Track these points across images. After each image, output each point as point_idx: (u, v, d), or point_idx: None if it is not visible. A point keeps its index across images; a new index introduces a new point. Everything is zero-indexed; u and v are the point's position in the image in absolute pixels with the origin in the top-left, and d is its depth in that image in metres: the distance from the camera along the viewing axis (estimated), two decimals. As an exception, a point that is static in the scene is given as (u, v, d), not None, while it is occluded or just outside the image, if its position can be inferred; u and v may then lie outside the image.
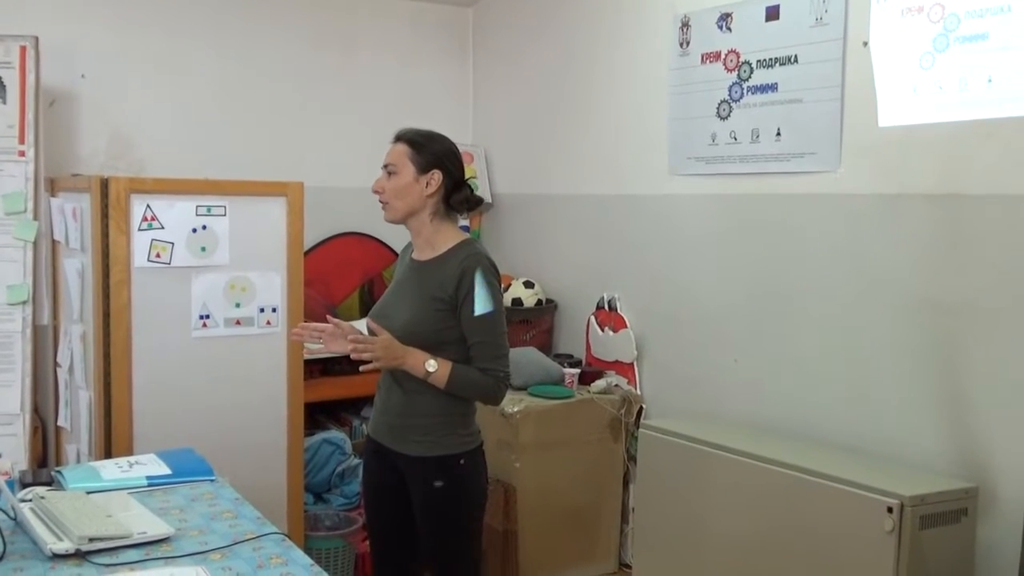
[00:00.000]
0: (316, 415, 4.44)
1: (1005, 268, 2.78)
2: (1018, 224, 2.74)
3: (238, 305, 3.48)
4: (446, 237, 2.71)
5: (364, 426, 4.50)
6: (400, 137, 2.75)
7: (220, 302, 3.45)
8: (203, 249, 3.41)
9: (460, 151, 2.78)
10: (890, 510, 2.65)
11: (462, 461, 2.67)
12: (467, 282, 2.60)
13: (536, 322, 4.45)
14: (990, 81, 2.77)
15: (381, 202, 2.74)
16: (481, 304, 2.61)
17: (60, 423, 3.76)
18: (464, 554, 2.75)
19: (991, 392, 2.82)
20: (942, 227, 2.94)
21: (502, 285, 2.72)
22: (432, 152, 2.69)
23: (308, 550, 3.42)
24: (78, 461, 3.49)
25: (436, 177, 2.67)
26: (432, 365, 2.59)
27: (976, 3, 2.80)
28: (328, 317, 2.77)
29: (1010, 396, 2.77)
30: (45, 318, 3.77)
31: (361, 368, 2.63)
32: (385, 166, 2.73)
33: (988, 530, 2.80)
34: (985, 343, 2.84)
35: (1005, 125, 2.75)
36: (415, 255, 2.77)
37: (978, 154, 2.84)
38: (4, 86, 3.64)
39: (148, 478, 2.62)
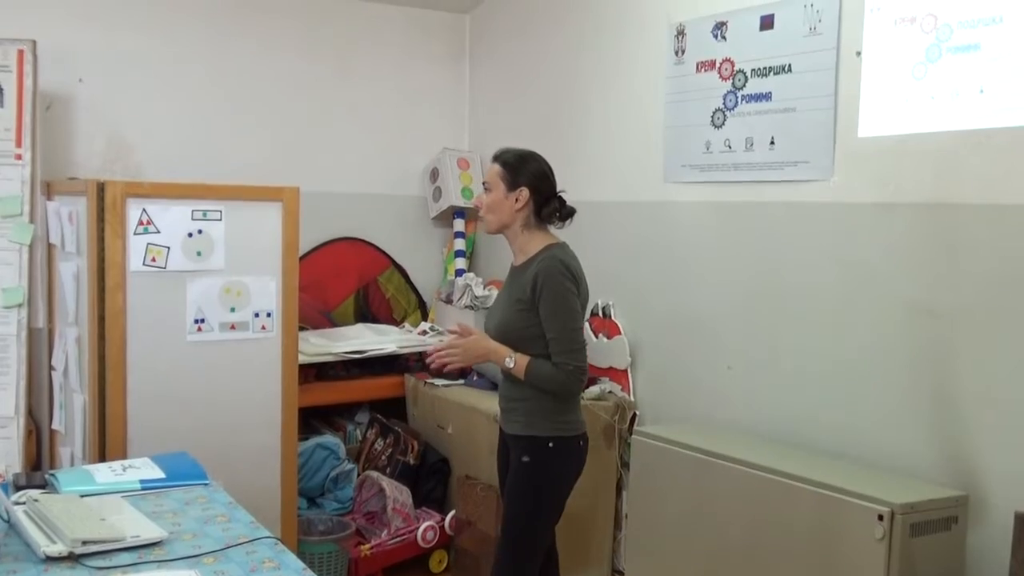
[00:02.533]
0: (310, 420, 4.44)
1: (996, 277, 2.80)
2: (1009, 233, 2.76)
3: (233, 310, 3.49)
4: (536, 243, 3.00)
5: (358, 431, 4.52)
6: (496, 158, 3.07)
7: (215, 306, 3.45)
8: (199, 253, 3.42)
9: (551, 169, 3.06)
10: (881, 518, 2.66)
11: (551, 444, 2.91)
12: (540, 283, 2.87)
13: (531, 328, 4.46)
14: (982, 91, 2.79)
15: (480, 216, 3.11)
16: (550, 302, 2.86)
17: (54, 426, 3.76)
18: (526, 534, 2.95)
19: (982, 400, 2.84)
20: (934, 235, 2.95)
21: (579, 287, 2.95)
22: (521, 172, 3.00)
23: (301, 554, 3.42)
24: (72, 464, 3.49)
25: (524, 194, 2.97)
26: (509, 361, 2.90)
27: (968, 14, 2.82)
28: (459, 326, 3.08)
29: (1001, 404, 2.79)
30: (40, 321, 3.77)
31: (445, 369, 3.05)
32: (484, 183, 3.09)
33: (978, 538, 2.82)
34: (976, 351, 2.85)
35: (997, 135, 2.77)
36: (513, 261, 3.08)
37: (970, 163, 2.85)
38: (1, 89, 3.64)
39: (142, 482, 2.63)
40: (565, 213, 3.09)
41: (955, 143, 2.88)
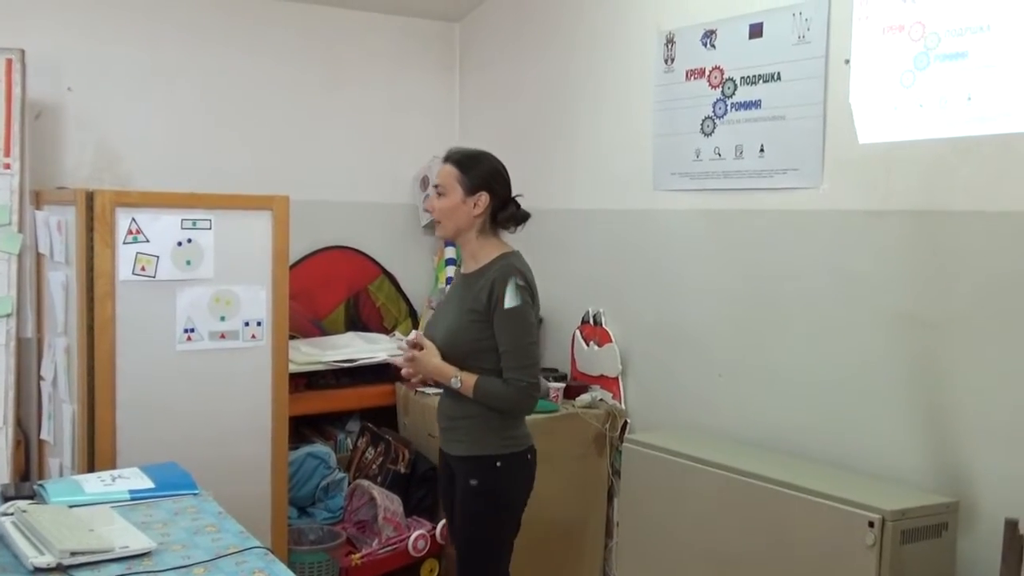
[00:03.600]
0: (301, 428, 4.43)
1: (985, 284, 2.81)
2: (998, 240, 2.77)
3: (223, 319, 3.48)
4: (489, 250, 2.87)
5: (349, 440, 4.51)
6: (448, 158, 2.90)
7: (205, 315, 3.44)
8: (188, 262, 3.41)
9: (506, 169, 2.92)
10: (871, 524, 2.67)
11: (499, 463, 2.78)
12: (496, 292, 2.73)
13: (521, 336, 4.46)
14: (970, 99, 2.81)
15: (434, 220, 2.92)
16: (506, 314, 2.72)
17: (43, 436, 3.75)
18: (489, 560, 2.87)
19: (972, 407, 2.84)
20: (923, 243, 2.97)
21: (534, 299, 2.83)
22: (478, 173, 2.84)
23: (291, 564, 3.41)
24: (61, 475, 3.47)
25: (483, 199, 2.83)
26: (455, 381, 2.77)
27: (956, 22, 2.83)
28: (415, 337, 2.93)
29: (991, 411, 2.79)
30: (29, 331, 3.76)
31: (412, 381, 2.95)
32: (435, 186, 2.88)
33: (968, 544, 2.82)
34: (966, 358, 2.86)
35: (985, 142, 2.78)
36: (462, 268, 2.96)
37: (958, 171, 2.86)
38: (-10, 99, 3.64)
39: (131, 492, 2.62)
40: (520, 217, 2.93)
41: (944, 151, 2.89)
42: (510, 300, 2.73)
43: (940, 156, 2.90)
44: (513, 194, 2.93)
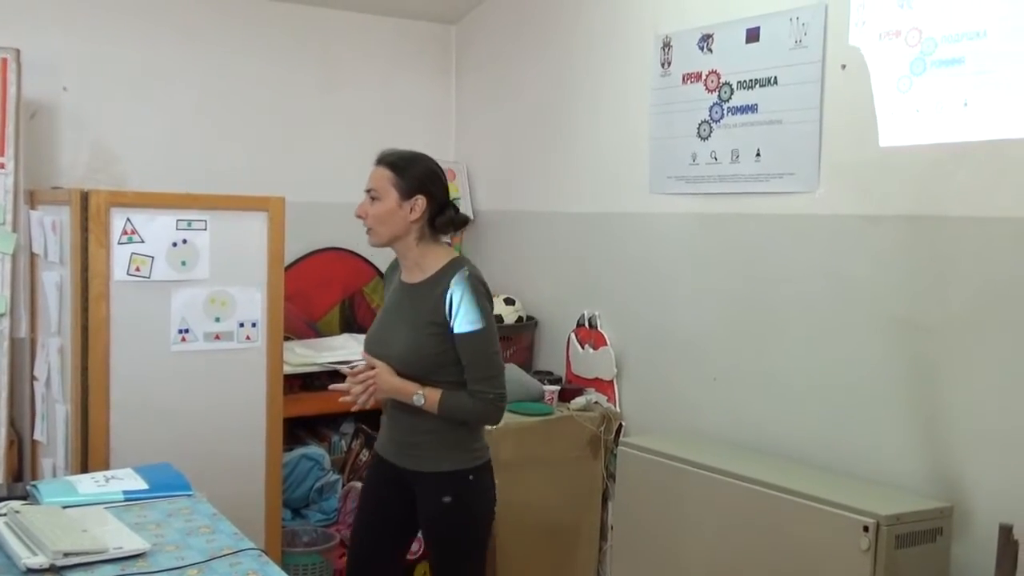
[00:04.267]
0: (295, 430, 4.42)
1: (980, 289, 2.81)
2: (993, 245, 2.78)
3: (218, 320, 3.47)
4: (435, 258, 2.71)
5: (343, 441, 4.49)
6: (381, 160, 2.72)
7: (200, 316, 3.44)
8: (183, 263, 3.40)
9: (443, 170, 2.76)
10: (866, 529, 2.67)
11: (471, 477, 2.69)
12: (455, 302, 2.60)
13: (516, 339, 4.46)
14: (966, 104, 2.81)
15: (366, 227, 2.73)
16: (468, 324, 2.60)
17: (36, 437, 3.73)
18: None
19: (967, 412, 2.85)
20: (919, 248, 2.97)
21: (492, 306, 2.71)
22: (415, 176, 2.67)
23: (285, 566, 3.41)
24: (54, 475, 3.46)
25: (420, 203, 2.66)
26: (419, 399, 2.63)
27: (952, 28, 2.84)
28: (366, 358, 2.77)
29: (985, 416, 2.80)
30: (22, 331, 3.75)
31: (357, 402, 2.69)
32: (368, 191, 2.71)
33: (963, 549, 2.83)
34: (961, 363, 2.86)
35: (980, 148, 2.79)
36: (404, 278, 2.76)
37: (954, 176, 2.87)
38: (-15, 98, 3.63)
39: (125, 493, 2.61)
40: (459, 222, 2.78)
41: (940, 156, 2.90)
42: (475, 310, 2.61)
43: (936, 161, 2.91)
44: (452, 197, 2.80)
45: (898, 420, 3.03)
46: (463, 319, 2.60)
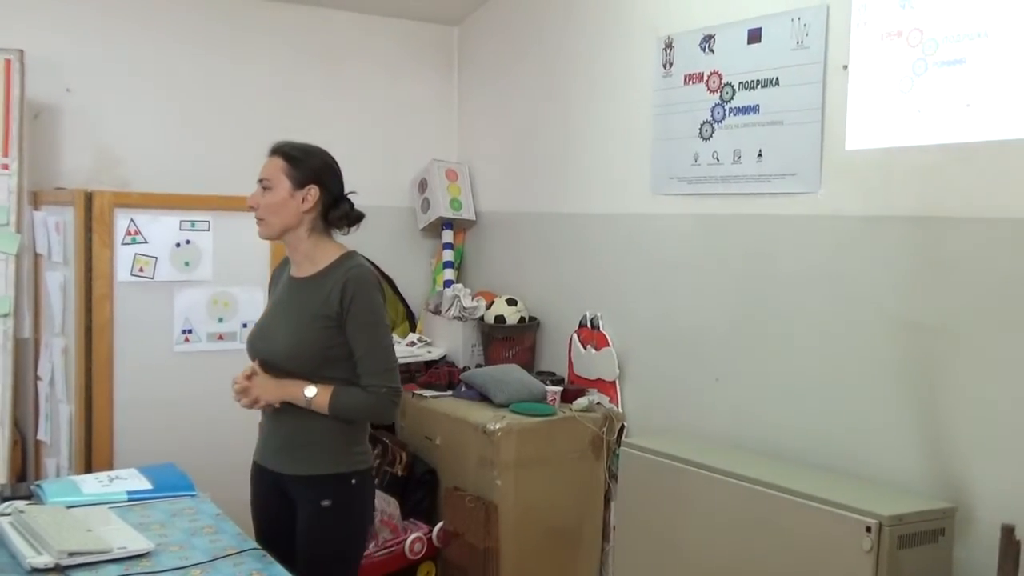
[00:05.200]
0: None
1: (983, 290, 2.81)
2: (996, 246, 2.78)
3: (221, 320, 3.48)
4: (326, 252, 2.64)
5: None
6: (276, 150, 2.67)
7: (203, 317, 3.45)
8: (186, 264, 3.42)
9: (338, 165, 2.70)
10: (868, 530, 2.67)
11: (353, 481, 2.58)
12: (349, 295, 2.52)
13: (519, 339, 4.47)
14: (968, 105, 2.81)
15: (257, 218, 2.65)
16: (362, 316, 2.53)
17: (40, 437, 3.75)
18: None
19: (969, 413, 2.85)
20: (921, 249, 2.97)
21: (385, 298, 2.63)
22: (309, 167, 2.62)
23: (288, 566, 3.41)
24: (58, 475, 3.48)
25: (313, 193, 2.60)
26: (311, 391, 2.52)
27: (954, 28, 2.84)
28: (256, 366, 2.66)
29: (988, 417, 2.80)
30: (26, 331, 3.76)
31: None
32: (260, 180, 2.65)
33: (965, 550, 2.82)
34: (964, 364, 2.86)
35: (982, 149, 2.79)
36: (294, 272, 2.68)
37: (956, 177, 2.87)
38: (-11, 99, 3.64)
39: (128, 493, 2.62)
40: (354, 217, 2.70)
41: (942, 157, 2.90)
42: (369, 302, 2.55)
43: (938, 162, 2.91)
44: (346, 191, 2.72)
45: (900, 421, 3.03)
46: (357, 311, 2.52)
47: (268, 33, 4.64)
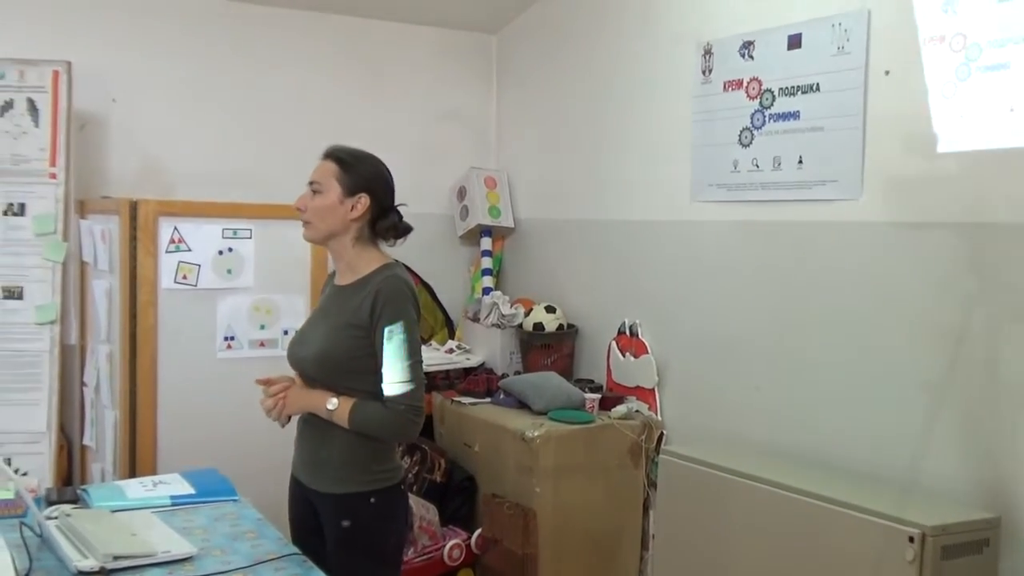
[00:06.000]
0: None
1: (1028, 297, 2.78)
2: (1041, 253, 2.74)
3: (262, 327, 3.52)
4: (369, 261, 2.59)
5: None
6: (329, 154, 2.63)
7: (245, 324, 3.49)
8: (229, 271, 3.46)
9: (391, 175, 2.66)
10: (911, 540, 2.64)
11: (372, 500, 2.49)
12: (380, 305, 2.46)
13: (557, 347, 4.46)
14: (1012, 110, 2.78)
15: (303, 220, 2.61)
16: (390, 327, 2.45)
17: (85, 442, 3.80)
18: None
19: (1014, 421, 2.81)
20: (964, 256, 2.93)
21: (419, 316, 2.57)
22: (361, 174, 2.57)
23: (328, 572, 3.43)
24: (102, 480, 3.52)
25: (363, 201, 2.55)
26: (333, 403, 2.47)
27: (997, 33, 2.81)
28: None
29: (1033, 426, 2.76)
30: (72, 338, 3.82)
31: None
32: (311, 183, 2.61)
33: (1010, 561, 2.78)
34: (1007, 372, 2.82)
35: (1027, 154, 2.76)
36: (337, 280, 2.66)
37: (1000, 183, 2.83)
38: (37, 110, 3.70)
39: (172, 497, 2.65)
40: (402, 229, 2.64)
41: (985, 162, 2.86)
42: (398, 315, 2.46)
43: (981, 168, 2.87)
44: (397, 203, 2.66)
45: (944, 429, 2.99)
46: (386, 322, 2.46)
47: (309, 43, 4.69)
